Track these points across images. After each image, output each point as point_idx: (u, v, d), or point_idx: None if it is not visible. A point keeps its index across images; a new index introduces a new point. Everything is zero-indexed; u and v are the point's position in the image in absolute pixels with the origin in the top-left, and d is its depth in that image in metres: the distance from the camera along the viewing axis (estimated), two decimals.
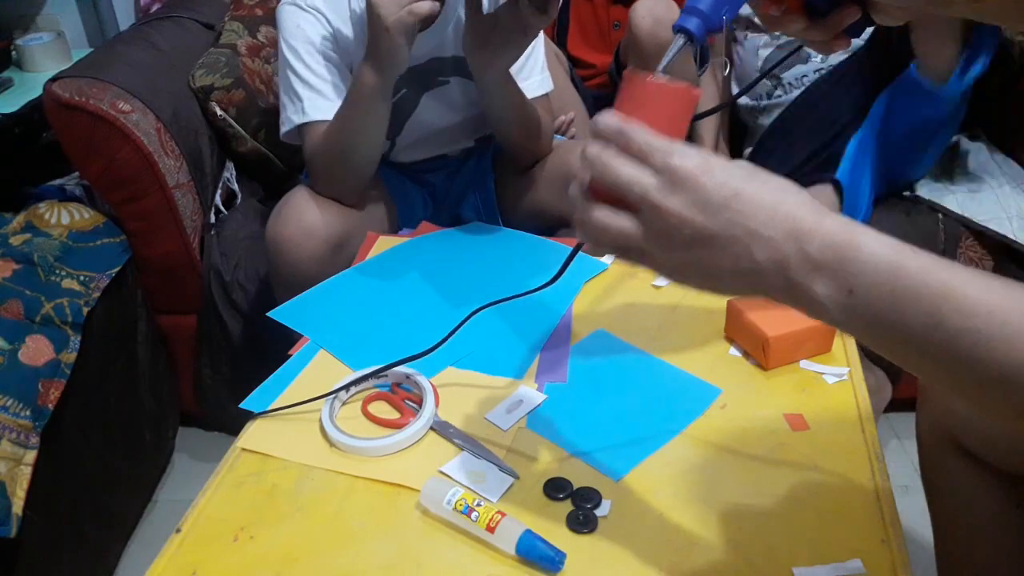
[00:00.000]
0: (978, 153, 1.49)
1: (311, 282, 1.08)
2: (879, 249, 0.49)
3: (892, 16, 0.64)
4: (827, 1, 0.64)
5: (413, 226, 1.26)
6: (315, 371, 0.91)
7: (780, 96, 1.54)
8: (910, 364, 0.50)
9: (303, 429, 0.83)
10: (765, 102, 1.56)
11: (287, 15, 1.23)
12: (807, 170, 1.42)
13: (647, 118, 0.55)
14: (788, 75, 1.52)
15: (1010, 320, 0.45)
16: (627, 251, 0.56)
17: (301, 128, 1.22)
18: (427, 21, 1.19)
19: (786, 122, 1.51)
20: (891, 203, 1.43)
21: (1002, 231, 1.36)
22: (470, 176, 1.40)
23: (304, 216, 1.19)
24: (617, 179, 0.54)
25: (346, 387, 0.86)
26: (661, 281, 1.03)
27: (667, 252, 0.54)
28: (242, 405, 0.87)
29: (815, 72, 1.49)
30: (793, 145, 1.47)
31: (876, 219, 1.40)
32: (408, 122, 1.31)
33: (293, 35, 1.22)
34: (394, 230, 1.31)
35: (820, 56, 1.50)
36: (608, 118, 0.55)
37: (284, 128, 1.24)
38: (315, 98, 1.21)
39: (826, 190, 1.36)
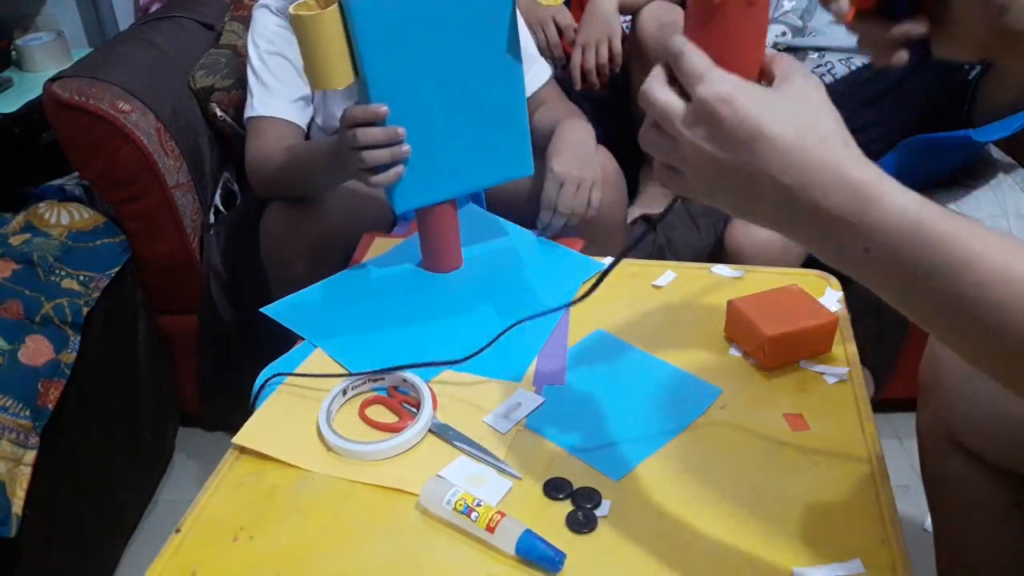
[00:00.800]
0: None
1: (305, 280, 1.08)
2: (900, 209, 0.47)
3: (955, 46, 0.64)
4: (905, 4, 0.64)
5: (406, 219, 1.26)
6: (311, 371, 0.91)
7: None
8: (928, 325, 0.50)
9: (300, 432, 0.82)
10: None
11: (256, 15, 1.31)
12: None
13: (710, 38, 0.52)
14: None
15: None
16: (670, 173, 0.55)
17: (248, 122, 1.27)
18: None
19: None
20: None
21: (1000, 229, 1.36)
22: None
23: (289, 214, 1.20)
24: (652, 104, 0.53)
25: (343, 390, 0.86)
26: (661, 281, 1.03)
27: (697, 180, 0.53)
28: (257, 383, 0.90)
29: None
30: None
31: None
32: None
33: (259, 34, 1.29)
34: (388, 223, 1.30)
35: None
36: (676, 38, 0.53)
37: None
38: (264, 95, 1.27)
39: None
